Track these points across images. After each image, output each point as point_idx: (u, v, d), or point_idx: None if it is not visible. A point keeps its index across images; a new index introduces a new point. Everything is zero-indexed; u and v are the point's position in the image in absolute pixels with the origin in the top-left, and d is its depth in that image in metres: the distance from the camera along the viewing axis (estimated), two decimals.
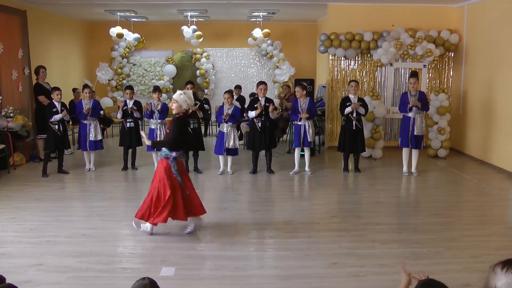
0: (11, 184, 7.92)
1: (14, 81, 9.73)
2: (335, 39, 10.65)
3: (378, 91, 10.75)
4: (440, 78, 11.18)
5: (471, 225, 6.01)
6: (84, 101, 8.75)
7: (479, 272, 4.44)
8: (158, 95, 8.70)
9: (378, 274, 4.53)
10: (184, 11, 12.45)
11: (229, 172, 8.67)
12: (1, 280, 2.62)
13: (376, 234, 5.63)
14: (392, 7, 10.86)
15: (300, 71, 14.10)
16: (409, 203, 7.29)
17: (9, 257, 4.88)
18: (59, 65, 12.81)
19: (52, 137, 8.41)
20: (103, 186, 8.05)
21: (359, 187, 8.09)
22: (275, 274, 4.53)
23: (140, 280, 2.50)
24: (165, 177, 5.36)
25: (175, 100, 5.46)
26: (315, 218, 6.28)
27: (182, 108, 5.49)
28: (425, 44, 10.36)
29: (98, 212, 6.45)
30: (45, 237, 5.47)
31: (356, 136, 8.61)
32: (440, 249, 5.14)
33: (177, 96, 5.49)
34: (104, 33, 14.31)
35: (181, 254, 5.01)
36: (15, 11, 9.86)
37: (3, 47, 9.27)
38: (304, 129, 8.52)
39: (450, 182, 8.34)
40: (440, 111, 9.89)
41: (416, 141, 8.44)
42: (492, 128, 9.35)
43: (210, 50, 15.43)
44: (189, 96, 5.55)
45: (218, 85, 15.41)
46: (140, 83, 15.51)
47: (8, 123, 8.86)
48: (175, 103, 5.46)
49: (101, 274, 4.50)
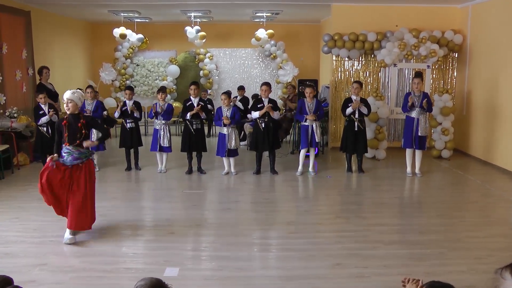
0: (15, 184, 7.94)
1: (18, 82, 9.76)
2: (338, 39, 10.64)
3: (382, 91, 10.74)
4: (444, 78, 11.15)
5: (475, 226, 5.99)
6: (87, 101, 8.76)
7: (483, 274, 4.43)
8: (162, 96, 8.70)
9: (382, 275, 4.52)
10: (187, 12, 12.45)
11: (233, 173, 8.66)
12: (9, 281, 2.62)
13: (379, 235, 5.61)
14: (395, 8, 10.84)
15: (303, 71, 14.07)
16: (413, 204, 7.28)
17: (12, 257, 4.89)
18: (63, 66, 12.84)
19: (39, 140, 8.38)
20: (106, 186, 8.05)
21: (362, 187, 8.08)
22: (278, 275, 4.52)
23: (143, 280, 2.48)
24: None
25: (70, 99, 5.26)
26: (318, 218, 6.27)
27: (78, 106, 5.38)
28: (429, 45, 10.33)
29: (101, 212, 6.43)
30: (49, 237, 5.48)
31: (358, 137, 8.60)
32: (444, 250, 5.13)
33: (71, 95, 5.30)
34: (107, 33, 14.33)
35: (185, 255, 5.02)
36: (19, 12, 9.89)
37: (7, 48, 9.30)
38: (311, 129, 8.51)
39: (453, 183, 8.32)
40: (444, 112, 9.86)
41: (420, 141, 8.42)
42: (496, 129, 9.32)
43: (214, 51, 15.43)
44: (82, 94, 5.54)
45: (221, 85, 15.39)
46: (143, 84, 15.53)
47: (12, 123, 8.88)
48: (71, 103, 5.28)
49: (104, 274, 4.51)
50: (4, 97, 9.18)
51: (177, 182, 8.23)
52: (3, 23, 9.23)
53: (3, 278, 2.63)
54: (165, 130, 8.64)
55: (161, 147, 8.67)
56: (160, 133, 8.62)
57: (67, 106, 5.31)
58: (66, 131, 5.30)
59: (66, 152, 5.33)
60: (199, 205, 6.90)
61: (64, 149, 5.34)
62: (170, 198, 7.28)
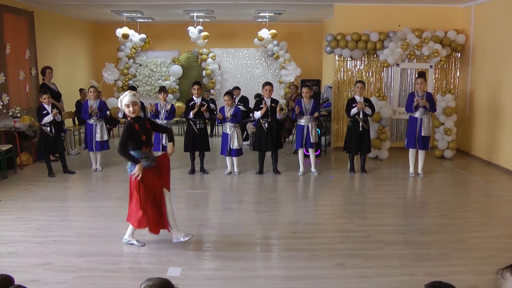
0: (18, 184, 7.96)
1: (21, 82, 9.79)
2: (341, 39, 10.64)
3: (385, 91, 10.72)
4: (446, 78, 11.13)
5: (478, 226, 5.98)
6: (90, 101, 8.78)
7: (486, 274, 4.42)
8: (163, 96, 8.71)
9: (385, 275, 4.52)
10: (190, 12, 12.46)
11: (236, 173, 8.67)
12: (10, 281, 2.63)
13: (382, 235, 5.61)
14: (398, 8, 10.82)
15: (306, 71, 14.07)
16: (416, 204, 7.27)
17: (16, 256, 4.90)
18: (66, 66, 12.87)
19: (43, 140, 8.41)
20: (110, 186, 8.07)
21: (365, 188, 8.07)
22: (280, 275, 4.52)
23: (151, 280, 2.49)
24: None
25: (135, 102, 5.01)
26: (321, 219, 6.28)
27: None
28: (431, 45, 10.32)
29: (104, 212, 6.46)
30: (52, 236, 5.49)
31: (363, 137, 8.59)
32: (446, 250, 5.12)
33: (134, 97, 5.03)
34: (110, 33, 14.37)
35: (187, 254, 5.02)
36: (22, 12, 9.91)
37: (10, 48, 9.32)
38: (307, 130, 8.52)
39: (456, 183, 8.31)
40: (447, 112, 9.85)
41: (424, 142, 8.41)
42: (499, 129, 9.30)
43: (216, 51, 15.44)
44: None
45: (224, 85, 15.40)
46: (146, 84, 15.54)
47: (15, 123, 8.91)
48: (136, 105, 5.02)
49: (107, 274, 4.51)
50: (7, 97, 9.20)
51: (179, 182, 8.22)
52: (6, 23, 9.26)
53: (4, 277, 2.64)
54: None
55: (164, 146, 8.68)
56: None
57: (132, 109, 4.95)
58: (143, 134, 5.00)
59: (143, 157, 5.02)
60: (201, 205, 6.91)
61: (140, 154, 5.01)
62: (172, 198, 7.19)
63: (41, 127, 8.38)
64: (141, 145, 5.00)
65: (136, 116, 5.03)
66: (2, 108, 9.01)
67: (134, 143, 4.98)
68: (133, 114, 4.99)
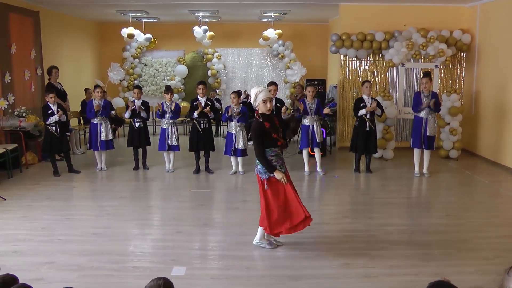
0: (23, 183, 7.99)
1: (27, 81, 9.82)
2: (346, 39, 10.62)
3: (390, 91, 10.70)
4: (452, 78, 11.09)
5: (483, 226, 5.95)
6: (95, 101, 8.80)
7: (492, 274, 4.40)
8: (169, 95, 8.72)
9: (390, 275, 4.50)
10: (195, 12, 12.48)
11: (241, 173, 8.67)
12: (14, 280, 2.64)
13: (387, 235, 5.60)
14: (403, 7, 10.79)
15: (311, 71, 14.04)
16: (421, 204, 7.24)
17: (21, 255, 4.92)
18: (71, 66, 12.91)
19: (48, 139, 8.43)
20: (114, 185, 8.09)
21: (370, 187, 8.05)
22: (285, 274, 4.51)
23: (156, 280, 2.49)
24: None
25: (270, 98, 4.81)
26: (326, 218, 6.26)
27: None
28: (437, 44, 10.28)
29: (109, 211, 6.48)
30: (57, 235, 5.51)
31: (369, 137, 8.57)
32: (452, 250, 5.10)
33: (268, 93, 4.80)
34: (115, 33, 14.39)
35: (192, 254, 5.02)
36: (28, 12, 9.95)
37: (16, 48, 9.36)
38: (312, 129, 8.50)
39: (461, 183, 8.28)
40: (452, 112, 9.81)
41: (429, 141, 8.39)
42: (504, 129, 9.25)
43: (222, 50, 15.45)
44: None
45: (229, 85, 15.41)
46: (151, 83, 15.58)
47: (21, 122, 8.95)
48: (270, 102, 4.81)
49: (112, 272, 4.52)
50: (13, 97, 9.24)
51: (184, 181, 8.24)
52: (12, 23, 9.30)
53: (9, 276, 2.65)
54: (172, 129, 8.67)
55: (170, 146, 8.69)
56: (168, 132, 8.65)
57: (270, 105, 4.77)
58: (274, 132, 4.77)
59: (274, 155, 4.83)
60: (206, 205, 6.91)
61: (272, 152, 4.83)
62: (177, 197, 7.30)
63: (46, 127, 8.41)
64: (273, 143, 4.81)
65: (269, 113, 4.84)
66: (8, 107, 9.05)
67: (266, 143, 4.80)
68: (268, 111, 4.81)
